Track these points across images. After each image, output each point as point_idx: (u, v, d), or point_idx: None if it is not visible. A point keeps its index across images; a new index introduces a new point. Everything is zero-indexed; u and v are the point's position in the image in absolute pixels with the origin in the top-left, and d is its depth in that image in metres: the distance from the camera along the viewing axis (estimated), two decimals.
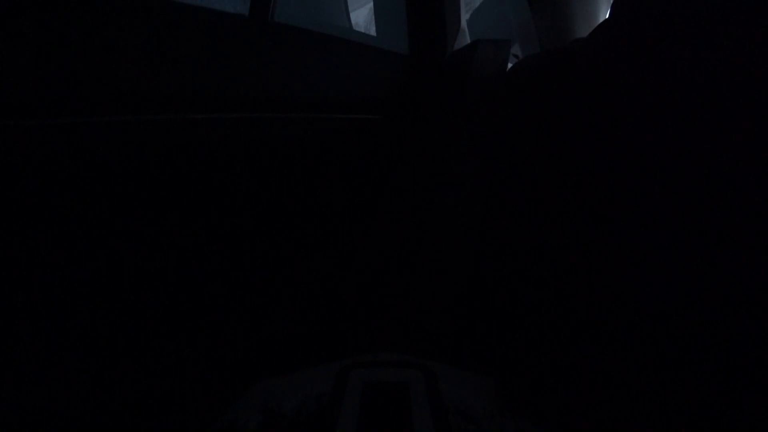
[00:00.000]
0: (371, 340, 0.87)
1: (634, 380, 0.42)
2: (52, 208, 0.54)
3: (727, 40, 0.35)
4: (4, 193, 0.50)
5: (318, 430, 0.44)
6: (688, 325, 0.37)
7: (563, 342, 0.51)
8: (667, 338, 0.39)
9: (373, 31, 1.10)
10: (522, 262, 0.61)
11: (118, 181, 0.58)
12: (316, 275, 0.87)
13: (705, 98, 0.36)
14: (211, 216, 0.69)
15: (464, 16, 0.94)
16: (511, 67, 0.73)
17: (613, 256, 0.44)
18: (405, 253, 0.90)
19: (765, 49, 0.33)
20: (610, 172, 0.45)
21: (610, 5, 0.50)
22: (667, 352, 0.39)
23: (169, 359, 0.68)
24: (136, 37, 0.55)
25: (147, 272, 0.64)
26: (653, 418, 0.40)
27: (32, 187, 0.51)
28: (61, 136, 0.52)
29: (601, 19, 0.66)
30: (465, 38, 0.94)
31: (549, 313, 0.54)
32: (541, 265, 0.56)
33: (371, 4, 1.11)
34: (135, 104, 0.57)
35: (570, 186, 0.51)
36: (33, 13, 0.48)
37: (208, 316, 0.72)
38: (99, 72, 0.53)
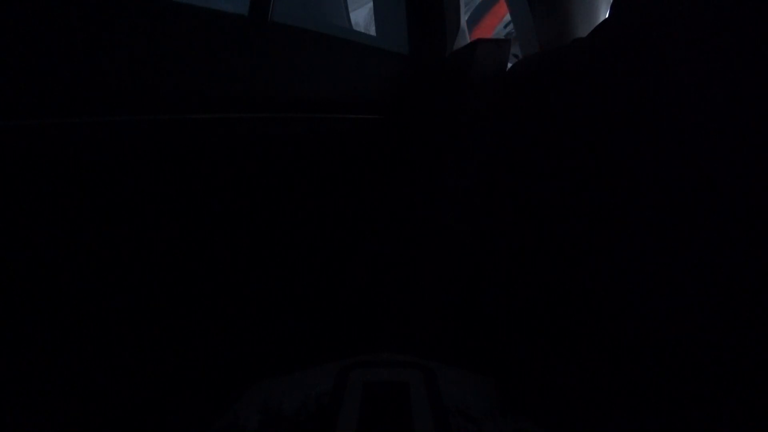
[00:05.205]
0: (371, 340, 0.87)
1: (633, 380, 0.42)
2: (52, 208, 0.54)
3: (727, 40, 0.35)
4: (4, 193, 0.50)
5: (318, 430, 0.44)
6: (688, 326, 0.37)
7: (563, 342, 0.51)
8: (666, 339, 0.39)
9: (373, 31, 1.10)
10: (522, 262, 0.61)
11: (117, 181, 0.58)
12: (316, 275, 0.87)
13: (705, 99, 0.36)
14: (211, 216, 0.69)
15: (464, 16, 0.94)
16: (511, 67, 0.73)
17: (613, 256, 0.44)
18: (405, 253, 0.90)
19: (765, 50, 0.32)
20: (609, 172, 0.45)
21: (610, 5, 0.50)
22: (667, 353, 0.39)
23: (169, 359, 0.68)
24: (136, 37, 0.55)
25: (147, 272, 0.64)
26: (653, 418, 0.40)
27: (32, 187, 0.51)
28: (61, 136, 0.52)
29: (601, 19, 0.66)
30: (465, 38, 0.94)
31: (548, 314, 0.54)
32: (541, 266, 0.56)
33: (371, 4, 1.11)
34: (135, 104, 0.57)
35: (569, 186, 0.51)
36: (33, 13, 0.48)
37: (209, 316, 0.72)
38: (98, 72, 0.53)
